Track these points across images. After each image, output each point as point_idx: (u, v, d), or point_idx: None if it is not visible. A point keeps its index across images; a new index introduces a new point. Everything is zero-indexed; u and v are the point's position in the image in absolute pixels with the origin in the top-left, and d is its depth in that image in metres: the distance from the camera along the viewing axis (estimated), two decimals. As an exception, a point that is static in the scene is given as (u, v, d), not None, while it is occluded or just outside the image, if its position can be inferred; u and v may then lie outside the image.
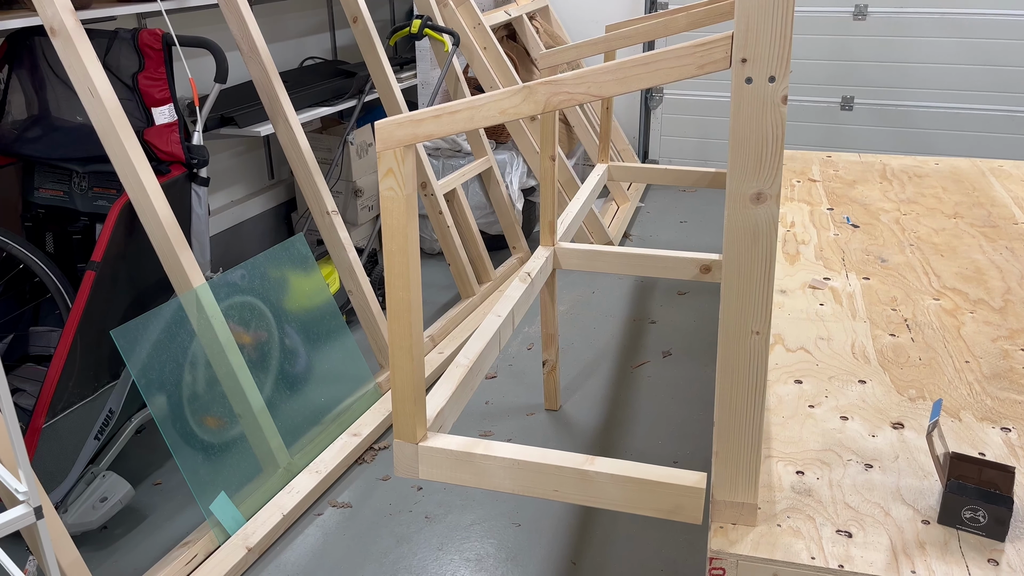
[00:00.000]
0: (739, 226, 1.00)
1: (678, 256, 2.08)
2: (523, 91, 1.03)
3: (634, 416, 2.28)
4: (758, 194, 0.98)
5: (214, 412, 1.90)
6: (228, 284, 1.97)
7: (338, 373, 2.24)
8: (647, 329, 2.77)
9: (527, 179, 3.38)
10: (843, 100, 4.00)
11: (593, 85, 0.99)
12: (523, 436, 2.19)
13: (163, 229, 1.82)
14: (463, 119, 1.05)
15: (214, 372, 1.90)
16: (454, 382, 1.43)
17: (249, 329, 2.04)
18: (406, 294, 1.15)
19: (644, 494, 1.17)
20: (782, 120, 0.94)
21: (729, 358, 1.07)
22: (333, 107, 2.89)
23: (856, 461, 1.28)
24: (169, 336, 1.81)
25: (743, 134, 0.96)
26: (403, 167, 1.09)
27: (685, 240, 3.54)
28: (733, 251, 1.01)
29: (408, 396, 1.21)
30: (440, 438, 1.26)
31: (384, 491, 1.99)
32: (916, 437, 1.33)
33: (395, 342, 1.19)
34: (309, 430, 2.09)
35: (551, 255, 2.08)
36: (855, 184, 2.61)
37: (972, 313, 1.74)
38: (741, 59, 0.93)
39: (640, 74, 0.98)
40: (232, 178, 3.16)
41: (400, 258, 1.13)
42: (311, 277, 2.22)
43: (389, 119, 1.08)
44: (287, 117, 2.23)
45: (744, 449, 1.11)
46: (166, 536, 1.85)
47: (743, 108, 0.95)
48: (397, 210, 1.11)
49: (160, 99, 1.94)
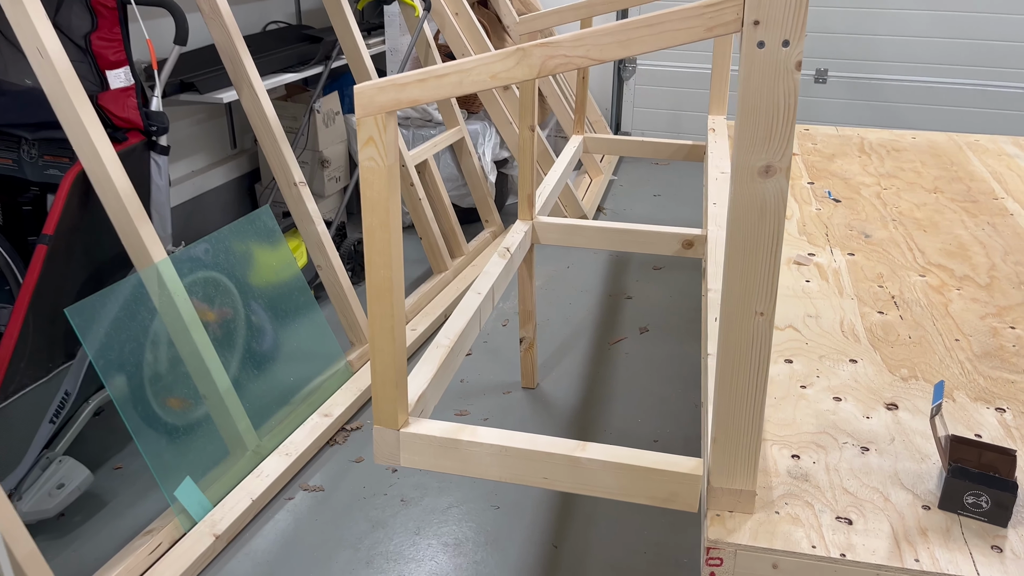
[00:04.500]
0: (745, 201, 0.94)
1: (659, 231, 2.03)
2: (516, 53, 0.95)
3: (613, 394, 2.23)
4: (767, 167, 0.92)
5: (177, 393, 1.81)
6: (191, 259, 1.87)
7: (307, 351, 2.16)
8: (623, 304, 2.72)
9: (500, 150, 3.29)
10: (817, 72, 3.97)
11: (593, 48, 0.92)
12: (500, 415, 2.14)
13: (120, 200, 1.71)
14: (451, 83, 0.97)
15: (177, 351, 1.81)
16: (435, 363, 1.36)
17: (213, 306, 1.95)
18: (387, 272, 1.08)
19: (638, 482, 1.12)
20: (795, 87, 0.88)
21: (730, 339, 1.01)
22: (299, 73, 2.77)
23: (852, 444, 1.24)
24: (128, 314, 1.72)
25: (753, 102, 0.90)
26: (385, 135, 1.01)
27: (659, 213, 3.49)
28: (738, 227, 0.96)
29: (389, 380, 1.14)
30: (422, 424, 1.19)
31: (358, 473, 1.92)
32: (911, 418, 1.30)
33: (376, 323, 1.11)
34: (278, 410, 2.01)
35: (530, 229, 2.02)
36: (834, 158, 2.58)
37: (959, 290, 1.71)
38: (754, 21, 0.86)
39: (644, 36, 0.91)
40: (192, 147, 3.03)
41: (382, 233, 1.05)
42: (278, 251, 2.12)
43: (369, 83, 1.00)
44: (252, 83, 2.12)
45: (744, 434, 1.06)
46: (128, 523, 1.77)
47: (754, 74, 0.88)
48: (378, 182, 1.03)
49: (115, 61, 1.82)
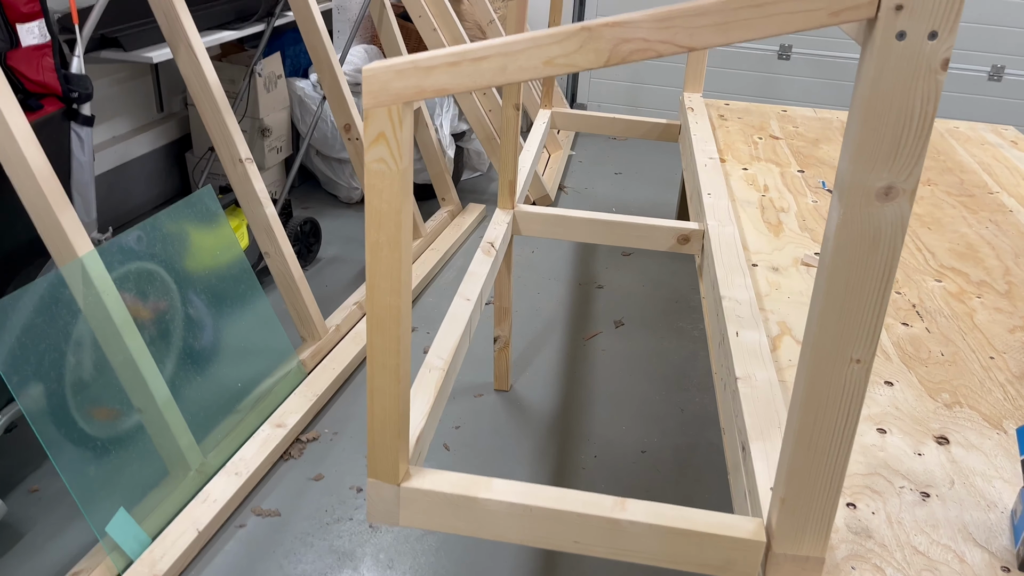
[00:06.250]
0: (855, 228, 0.76)
1: (653, 224, 1.85)
2: (580, 34, 0.74)
3: (592, 396, 2.07)
4: (888, 188, 0.74)
5: (105, 402, 1.56)
6: (122, 250, 1.60)
7: (254, 347, 1.92)
8: (595, 295, 2.55)
9: (458, 122, 3.05)
10: (780, 49, 3.84)
11: (682, 31, 0.72)
12: (473, 422, 1.95)
13: (35, 181, 1.43)
14: (491, 69, 0.76)
15: (105, 357, 1.55)
16: (431, 393, 1.15)
17: (147, 301, 1.68)
18: (396, 299, 0.86)
19: (689, 547, 0.95)
20: (937, 91, 0.70)
21: (817, 388, 0.84)
22: (239, 31, 2.47)
23: (910, 488, 1.10)
24: (47, 319, 1.44)
25: (879, 107, 0.71)
26: (400, 132, 0.79)
27: (623, 194, 3.32)
28: (842, 258, 0.78)
29: (391, 428, 0.93)
30: (426, 475, 0.99)
31: (317, 493, 1.71)
32: (965, 455, 1.17)
33: (377, 359, 0.90)
34: (224, 420, 1.77)
35: (511, 220, 1.81)
36: (818, 143, 2.45)
37: (980, 298, 1.60)
38: (896, 5, 0.68)
39: (750, 19, 0.71)
40: (114, 109, 2.69)
41: (391, 252, 0.84)
42: (217, 231, 1.86)
43: (383, 63, 0.77)
44: (191, 43, 1.83)
45: (821, 495, 0.90)
46: (50, 561, 1.51)
47: (887, 72, 0.70)
48: (390, 189, 0.81)
49: (28, 13, 1.52)
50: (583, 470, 1.81)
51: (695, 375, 2.18)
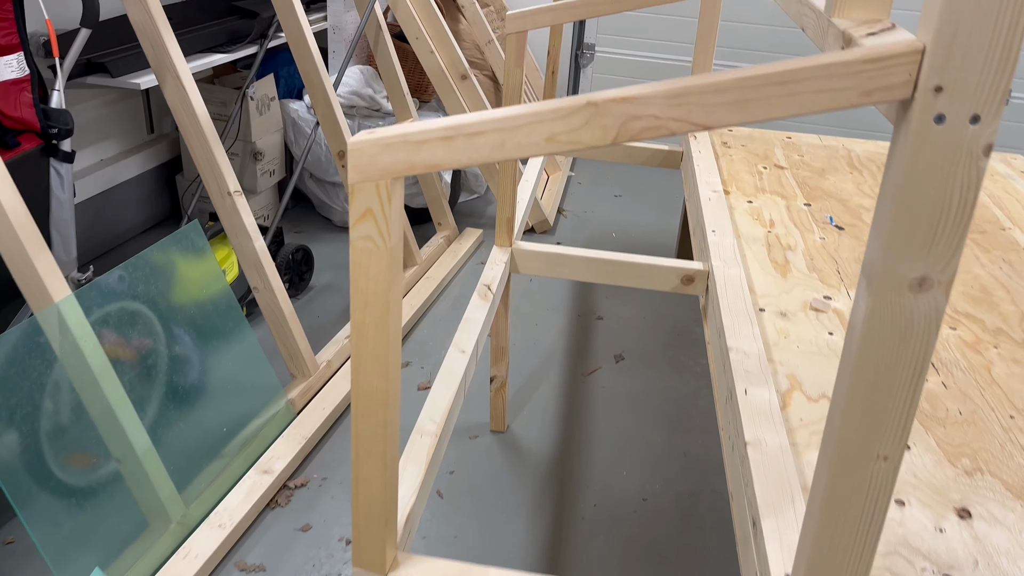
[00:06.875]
0: (885, 319, 0.70)
1: (656, 263, 1.79)
2: (586, 109, 0.68)
3: (591, 437, 2.00)
4: (922, 280, 0.68)
5: (82, 448, 1.48)
6: (102, 291, 1.53)
7: (241, 385, 1.85)
8: (594, 327, 2.48)
9: (454, 145, 2.98)
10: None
11: (697, 109, 0.65)
12: (469, 466, 1.88)
13: (9, 224, 1.37)
14: (488, 145, 0.69)
15: (81, 402, 1.48)
16: (422, 464, 1.08)
17: (130, 341, 1.61)
18: (383, 383, 0.80)
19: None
20: (979, 179, 0.64)
21: (839, 487, 0.78)
22: (231, 54, 2.41)
23: (932, 570, 1.03)
24: (19, 371, 1.37)
25: (915, 194, 0.65)
26: (389, 208, 0.72)
27: (623, 218, 3.26)
28: (870, 351, 0.71)
29: (377, 516, 0.87)
30: (416, 564, 0.92)
31: (305, 545, 1.64)
32: (988, 530, 1.10)
33: (362, 446, 0.83)
34: (208, 466, 1.70)
35: (509, 259, 1.75)
36: (824, 173, 2.39)
37: (996, 348, 1.53)
38: (935, 87, 0.61)
39: (770, 97, 0.65)
40: (101, 132, 2.63)
41: (378, 334, 0.77)
42: (204, 262, 1.79)
43: (368, 135, 0.71)
44: (178, 73, 1.76)
45: (841, 597, 0.83)
46: (21, 621, 1.44)
47: (923, 156, 0.64)
48: (377, 268, 0.75)
49: (5, 46, 1.45)
50: (582, 520, 1.74)
51: (697, 415, 2.11)
